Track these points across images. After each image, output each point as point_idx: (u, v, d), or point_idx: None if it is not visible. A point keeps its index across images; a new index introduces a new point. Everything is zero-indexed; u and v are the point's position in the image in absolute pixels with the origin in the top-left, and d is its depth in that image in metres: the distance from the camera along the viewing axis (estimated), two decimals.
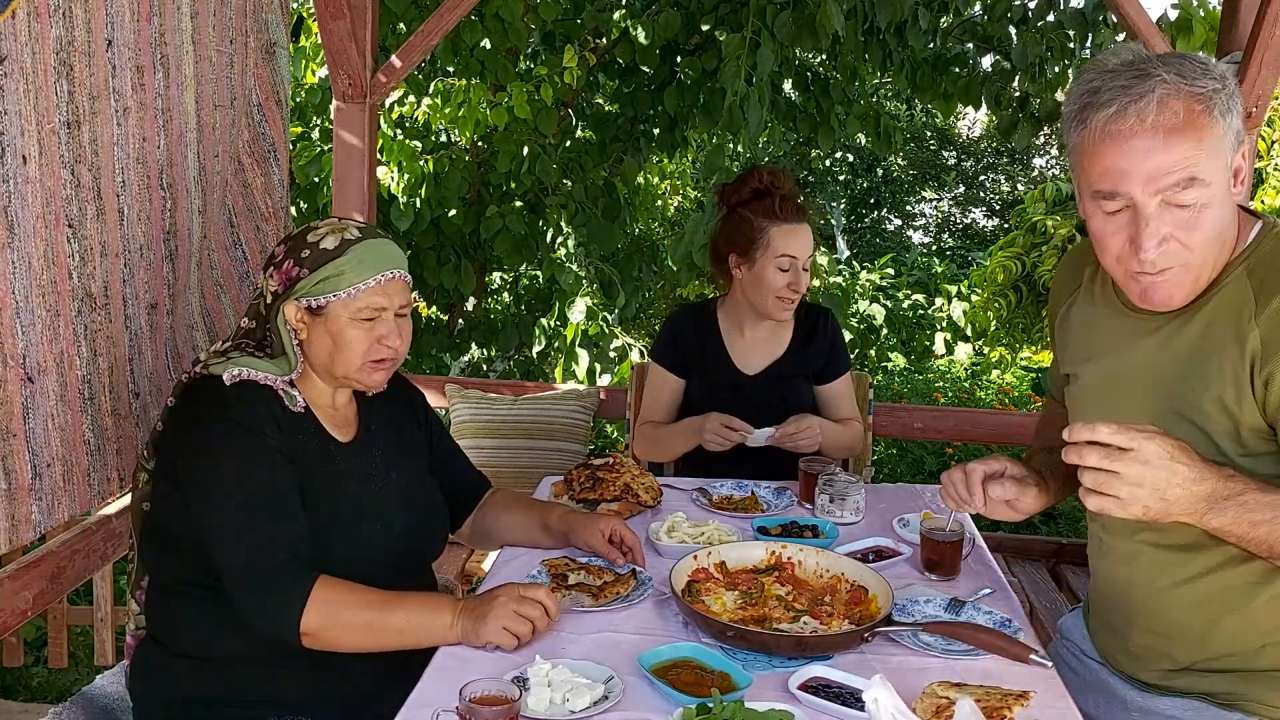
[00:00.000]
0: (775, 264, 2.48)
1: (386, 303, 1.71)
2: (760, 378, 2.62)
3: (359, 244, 1.70)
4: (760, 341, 2.64)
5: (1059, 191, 6.77)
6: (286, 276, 1.69)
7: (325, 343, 1.71)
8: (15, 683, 3.65)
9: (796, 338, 2.63)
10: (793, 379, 2.62)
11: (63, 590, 1.93)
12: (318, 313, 1.69)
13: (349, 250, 1.68)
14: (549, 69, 4.73)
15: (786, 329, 2.64)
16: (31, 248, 1.67)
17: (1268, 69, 2.79)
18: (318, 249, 1.69)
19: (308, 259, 1.68)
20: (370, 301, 1.69)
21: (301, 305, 1.69)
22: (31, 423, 1.70)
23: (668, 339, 2.68)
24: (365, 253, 1.69)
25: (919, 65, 4.67)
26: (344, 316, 1.69)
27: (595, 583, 1.81)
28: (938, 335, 8.10)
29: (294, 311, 1.70)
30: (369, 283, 1.68)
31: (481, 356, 5.75)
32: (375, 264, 1.70)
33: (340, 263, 1.67)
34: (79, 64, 1.75)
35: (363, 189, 3.25)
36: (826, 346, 2.63)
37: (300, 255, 1.69)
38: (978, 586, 1.89)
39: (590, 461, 2.30)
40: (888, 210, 15.45)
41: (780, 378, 2.61)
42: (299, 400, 1.72)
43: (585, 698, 1.41)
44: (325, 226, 1.72)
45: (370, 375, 1.74)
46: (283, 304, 1.70)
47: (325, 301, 1.68)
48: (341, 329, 1.69)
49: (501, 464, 3.16)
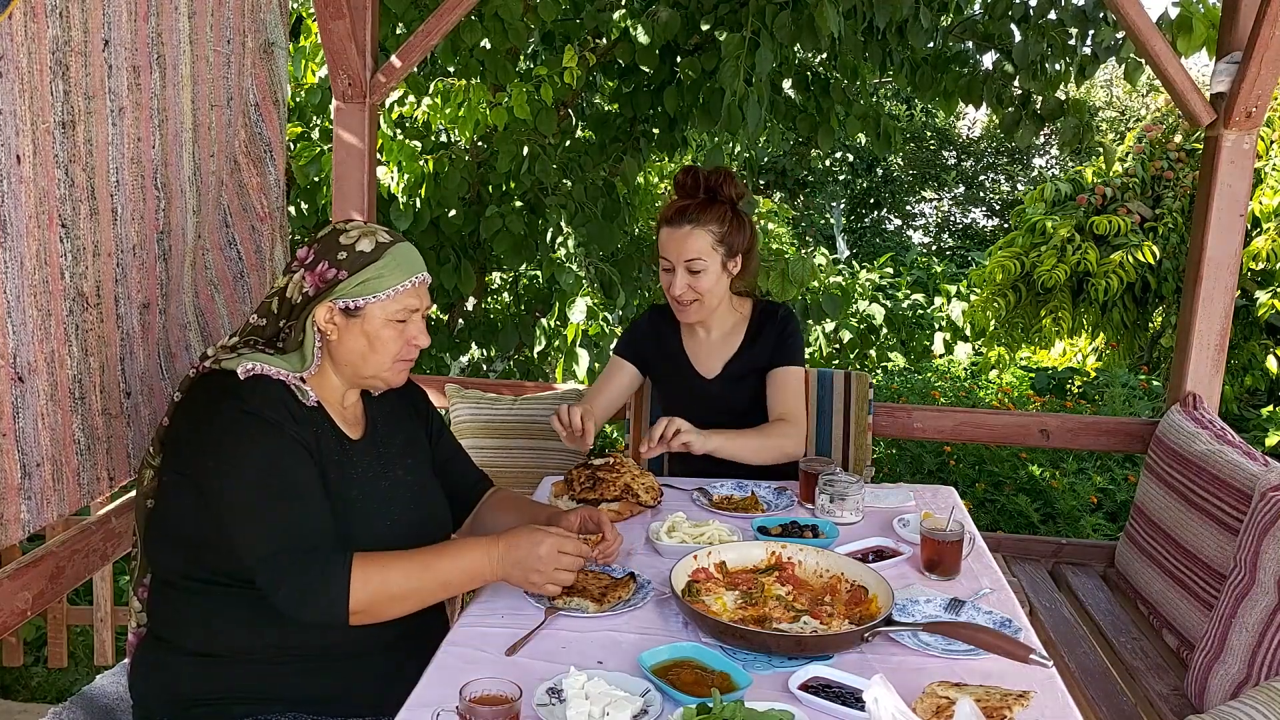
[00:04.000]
0: (662, 265, 2.52)
1: (419, 304, 1.77)
2: (717, 380, 2.61)
3: (393, 247, 1.74)
4: (715, 343, 2.64)
5: (1059, 191, 6.76)
6: (322, 279, 1.71)
7: (359, 343, 1.74)
8: (15, 683, 3.65)
9: (748, 336, 2.61)
10: (748, 378, 2.60)
11: (63, 590, 1.93)
12: (353, 314, 1.72)
13: (386, 253, 1.72)
14: (549, 69, 4.73)
15: (740, 328, 2.63)
16: (24, 247, 1.67)
17: (1268, 69, 2.79)
18: (354, 251, 1.71)
19: (346, 261, 1.71)
20: (406, 303, 1.75)
21: (337, 307, 1.71)
22: (21, 422, 1.70)
23: (627, 333, 2.75)
24: (401, 256, 1.74)
25: (919, 64, 4.66)
26: (380, 318, 1.73)
27: (596, 587, 1.81)
28: (937, 335, 8.09)
29: (325, 313, 1.72)
30: (405, 285, 1.73)
31: (481, 356, 5.75)
32: (410, 267, 1.75)
33: (379, 265, 1.71)
34: (75, 64, 1.75)
35: (363, 189, 3.25)
36: (773, 338, 2.59)
37: (337, 258, 1.71)
38: (978, 586, 1.89)
39: (590, 461, 2.30)
40: (888, 210, 15.45)
41: (736, 378, 2.60)
42: (311, 396, 1.73)
43: (626, 711, 1.38)
44: (355, 230, 1.75)
45: (398, 374, 1.80)
46: (315, 305, 1.71)
47: (364, 303, 1.71)
48: (377, 330, 1.73)
49: (501, 464, 3.15)
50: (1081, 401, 6.19)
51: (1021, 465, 5.09)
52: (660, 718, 1.40)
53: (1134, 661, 2.57)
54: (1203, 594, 2.52)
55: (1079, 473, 5.09)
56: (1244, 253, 5.49)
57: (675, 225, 2.47)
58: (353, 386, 1.82)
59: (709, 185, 2.49)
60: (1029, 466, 5.06)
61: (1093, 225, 6.33)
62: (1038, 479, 4.98)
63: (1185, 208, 6.20)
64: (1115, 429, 3.28)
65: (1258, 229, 5.86)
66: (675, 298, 2.50)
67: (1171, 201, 6.29)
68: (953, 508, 2.10)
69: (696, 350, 2.65)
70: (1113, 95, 15.13)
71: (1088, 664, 2.58)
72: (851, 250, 13.28)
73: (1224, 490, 2.50)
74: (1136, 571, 2.93)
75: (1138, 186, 6.48)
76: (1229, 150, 2.94)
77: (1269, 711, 1.68)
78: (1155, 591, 2.78)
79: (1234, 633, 2.19)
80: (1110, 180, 6.57)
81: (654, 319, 2.72)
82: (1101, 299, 6.22)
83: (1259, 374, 6.05)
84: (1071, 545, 3.35)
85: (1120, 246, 6.19)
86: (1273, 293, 5.81)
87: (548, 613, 1.73)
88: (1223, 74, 2.92)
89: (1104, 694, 2.43)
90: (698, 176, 2.51)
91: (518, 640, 1.63)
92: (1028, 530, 4.63)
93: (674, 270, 2.48)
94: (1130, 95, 14.53)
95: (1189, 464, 2.71)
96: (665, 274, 2.52)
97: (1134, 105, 14.61)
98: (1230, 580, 2.25)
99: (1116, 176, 6.59)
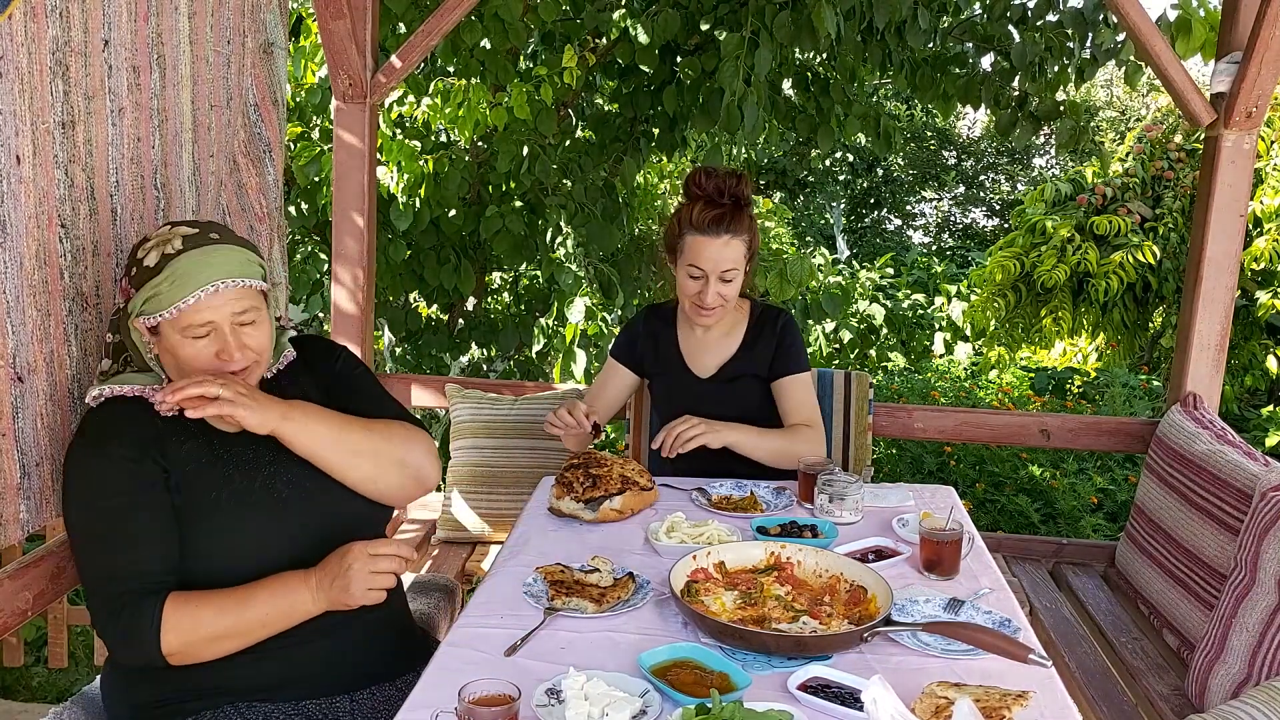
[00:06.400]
0: (686, 271, 2.46)
1: (215, 316, 1.64)
2: (712, 380, 2.60)
3: (179, 258, 1.63)
4: (712, 343, 2.61)
5: (1058, 192, 6.76)
6: (125, 294, 1.68)
7: (169, 359, 1.69)
8: (15, 683, 3.65)
9: (747, 338, 2.60)
10: (741, 380, 2.58)
11: (63, 590, 1.92)
12: (155, 331, 1.67)
13: (167, 267, 1.63)
14: (549, 69, 4.73)
15: (739, 329, 2.61)
16: (23, 247, 1.67)
17: (1268, 69, 2.79)
18: (141, 266, 1.65)
19: (135, 277, 1.66)
20: (195, 319, 1.63)
21: (143, 323, 1.67)
22: (20, 422, 1.70)
23: (622, 335, 2.72)
24: (186, 267, 1.62)
25: (919, 65, 4.67)
26: (174, 335, 1.65)
27: (598, 585, 1.81)
28: (937, 335, 8.09)
29: (140, 326, 1.68)
30: (188, 301, 1.62)
31: (481, 356, 5.75)
32: (195, 279, 1.62)
33: (157, 282, 1.62)
34: (75, 64, 1.75)
35: (363, 189, 3.25)
36: (774, 344, 2.57)
37: (130, 272, 1.67)
38: (977, 586, 1.89)
39: (573, 464, 2.28)
40: (888, 210, 15.45)
41: (732, 379, 2.58)
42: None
43: (625, 712, 1.38)
44: (154, 239, 1.67)
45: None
46: (131, 320, 1.68)
47: (156, 321, 1.65)
48: (175, 347, 1.66)
49: (501, 464, 3.15)
50: (1081, 401, 6.18)
51: (1022, 465, 5.09)
52: (659, 718, 1.40)
53: (1134, 661, 2.57)
54: (1203, 594, 2.52)
55: (1079, 473, 5.09)
56: (1244, 253, 5.49)
57: (712, 234, 2.40)
58: None
59: (732, 190, 2.43)
60: (1029, 466, 5.06)
61: (1093, 225, 6.33)
62: (1038, 479, 4.97)
63: (1185, 208, 6.20)
64: (1115, 429, 3.28)
65: (1258, 229, 5.86)
66: (704, 306, 2.46)
67: (1172, 201, 6.29)
68: (952, 508, 2.10)
69: (692, 349, 2.63)
70: (1113, 95, 15.13)
71: (1088, 664, 2.58)
72: (851, 250, 13.28)
73: (1224, 490, 2.50)
74: (1137, 571, 2.93)
75: (1138, 186, 6.48)
76: (1229, 150, 2.94)
77: (1269, 711, 1.68)
78: (1155, 591, 2.78)
79: (1234, 633, 2.19)
80: (1110, 180, 6.57)
81: (646, 320, 2.70)
82: (1102, 299, 6.22)
83: (1259, 374, 6.05)
84: (1072, 545, 3.35)
85: (1120, 246, 6.19)
86: (1273, 293, 5.81)
87: (546, 613, 1.73)
88: (1223, 74, 2.92)
89: (1104, 694, 2.43)
90: (719, 182, 2.43)
91: (516, 641, 1.63)
92: (1028, 530, 4.63)
93: (705, 279, 2.43)
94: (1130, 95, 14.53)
95: (1189, 464, 2.71)
96: (693, 281, 2.45)
97: (1134, 105, 14.61)
98: (1231, 580, 2.25)
99: (1117, 176, 6.60)
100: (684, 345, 2.64)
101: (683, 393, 2.61)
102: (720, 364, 2.60)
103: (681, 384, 2.62)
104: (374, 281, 3.44)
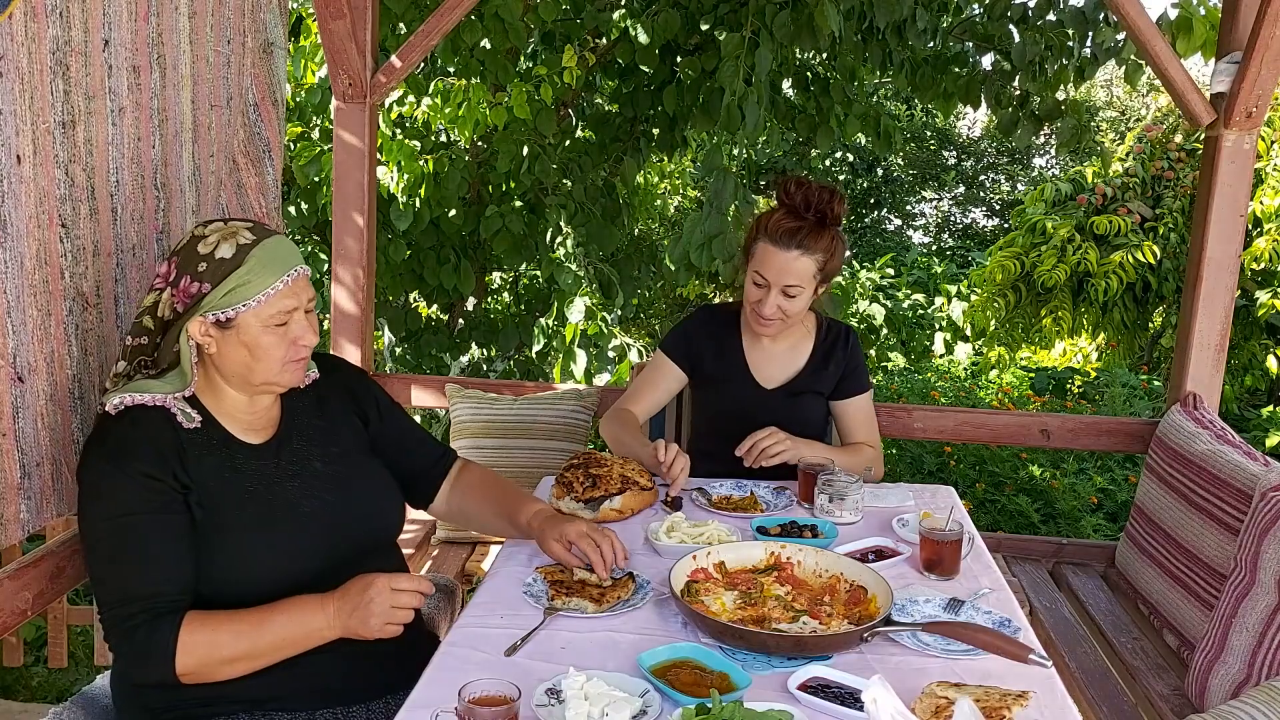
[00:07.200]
0: (752, 277, 2.41)
1: (296, 303, 1.66)
2: (778, 392, 2.55)
3: (257, 248, 1.63)
4: (780, 354, 2.56)
5: (1059, 191, 6.76)
6: (187, 294, 1.63)
7: (240, 354, 1.65)
8: (15, 683, 3.65)
9: (816, 353, 2.56)
10: (806, 396, 2.55)
11: (63, 590, 1.92)
12: (227, 325, 1.63)
13: (250, 256, 1.62)
14: (549, 69, 4.73)
15: (806, 344, 2.56)
16: (24, 248, 1.67)
17: (1268, 69, 2.79)
18: (215, 260, 1.62)
19: (207, 272, 1.62)
20: (281, 305, 1.64)
21: (208, 320, 1.63)
22: (21, 422, 1.70)
23: (682, 333, 2.61)
24: (266, 255, 1.63)
25: (919, 65, 4.67)
26: (256, 325, 1.63)
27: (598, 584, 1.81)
28: (937, 335, 8.10)
29: (199, 327, 1.64)
30: (276, 286, 1.63)
31: (481, 356, 5.75)
32: (279, 265, 1.64)
33: (243, 271, 1.61)
34: (75, 64, 1.75)
35: (362, 189, 3.25)
36: (845, 363, 2.55)
37: (198, 270, 1.62)
38: (977, 586, 1.89)
39: (573, 464, 2.28)
40: (888, 210, 15.43)
41: (797, 394, 2.54)
42: (195, 417, 1.68)
43: (625, 712, 1.38)
44: (214, 234, 1.65)
45: (291, 376, 1.71)
46: (186, 321, 1.64)
47: (235, 314, 1.62)
48: (255, 338, 1.64)
49: (501, 464, 3.15)
50: (1082, 401, 6.19)
51: (1022, 465, 5.09)
52: (659, 718, 1.40)
53: (1134, 661, 2.57)
54: (1203, 594, 2.52)
55: (1079, 473, 5.09)
56: (1244, 253, 5.49)
57: (783, 247, 2.33)
58: (250, 395, 1.73)
59: (819, 206, 2.35)
60: (1029, 467, 5.06)
61: (1093, 225, 6.33)
62: (1038, 479, 4.98)
63: (1185, 208, 6.21)
64: (1115, 429, 3.28)
65: (1258, 229, 5.86)
66: (762, 316, 2.41)
67: (1171, 201, 6.29)
68: (951, 508, 2.10)
69: (758, 359, 2.56)
70: (1113, 95, 15.13)
71: (1088, 664, 2.58)
72: (851, 250, 13.27)
73: (1224, 490, 2.50)
74: (1137, 571, 2.93)
75: (1138, 186, 6.48)
76: (1229, 150, 2.94)
77: (1269, 711, 1.68)
78: (1155, 591, 2.78)
79: (1234, 633, 2.19)
80: (1110, 180, 6.58)
81: (706, 321, 2.61)
82: (1101, 299, 6.22)
83: (1259, 374, 6.05)
84: (1072, 545, 3.35)
85: (1120, 246, 6.20)
86: (1273, 293, 5.81)
87: (547, 613, 1.73)
88: (1223, 74, 2.92)
89: (1104, 694, 2.43)
90: (809, 194, 2.35)
91: (517, 641, 1.63)
92: (1028, 530, 4.63)
93: (768, 288, 2.36)
94: (1130, 95, 14.53)
95: (1189, 464, 2.71)
96: (756, 288, 2.40)
97: (1134, 105, 14.61)
98: (1230, 580, 2.25)
99: (1117, 176, 6.60)
100: (749, 353, 2.56)
101: (744, 401, 2.54)
102: (788, 377, 2.55)
103: (744, 392, 2.55)
104: (374, 281, 3.44)
